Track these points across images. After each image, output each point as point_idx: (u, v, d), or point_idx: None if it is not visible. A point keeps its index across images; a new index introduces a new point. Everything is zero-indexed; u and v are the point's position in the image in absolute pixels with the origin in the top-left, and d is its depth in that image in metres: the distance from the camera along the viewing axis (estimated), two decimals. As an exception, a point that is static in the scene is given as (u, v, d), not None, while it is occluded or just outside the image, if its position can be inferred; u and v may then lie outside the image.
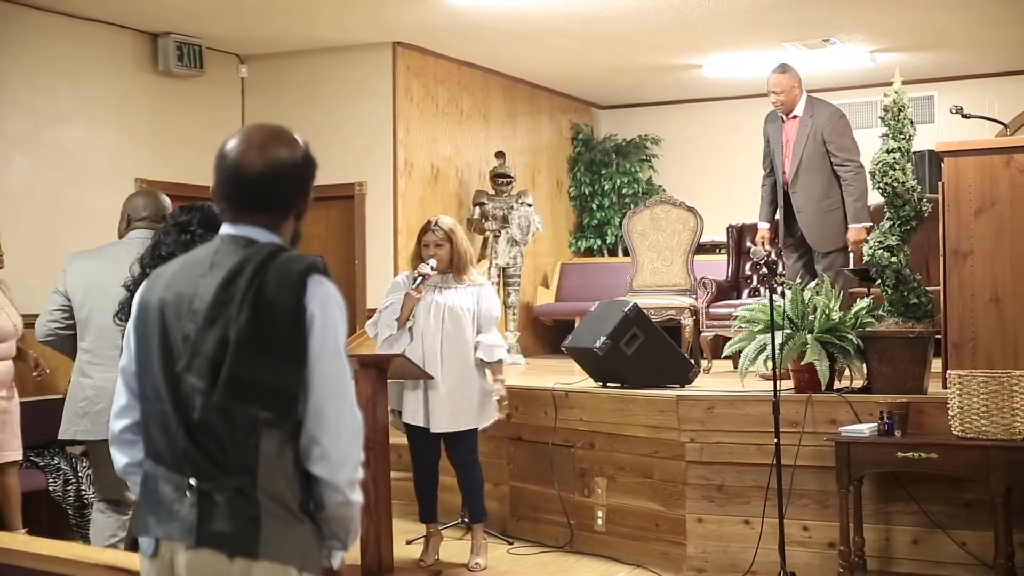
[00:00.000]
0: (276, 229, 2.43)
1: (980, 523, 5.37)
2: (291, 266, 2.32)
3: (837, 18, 9.23)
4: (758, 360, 5.95)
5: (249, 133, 2.44)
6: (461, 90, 10.79)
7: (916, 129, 5.97)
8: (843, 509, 5.41)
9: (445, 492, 6.45)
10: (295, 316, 2.29)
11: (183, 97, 9.70)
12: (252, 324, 2.28)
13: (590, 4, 8.58)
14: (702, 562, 5.99)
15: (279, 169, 2.40)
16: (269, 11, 8.81)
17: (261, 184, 2.39)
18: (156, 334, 2.41)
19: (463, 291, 6.10)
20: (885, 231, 5.83)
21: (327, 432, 2.31)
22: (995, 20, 9.33)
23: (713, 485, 6.00)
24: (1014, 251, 5.53)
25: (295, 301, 2.29)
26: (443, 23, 9.16)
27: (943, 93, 11.16)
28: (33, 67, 8.52)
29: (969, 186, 5.61)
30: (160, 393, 2.39)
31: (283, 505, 2.32)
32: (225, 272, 2.34)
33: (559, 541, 6.68)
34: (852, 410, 5.66)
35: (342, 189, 9.84)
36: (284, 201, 2.44)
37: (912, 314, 5.80)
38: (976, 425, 5.13)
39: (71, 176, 8.62)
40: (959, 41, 10.03)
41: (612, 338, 6.46)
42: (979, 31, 9.71)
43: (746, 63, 10.75)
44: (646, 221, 9.27)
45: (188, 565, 2.31)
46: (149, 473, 2.42)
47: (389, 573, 6.01)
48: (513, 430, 6.95)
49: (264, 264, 2.32)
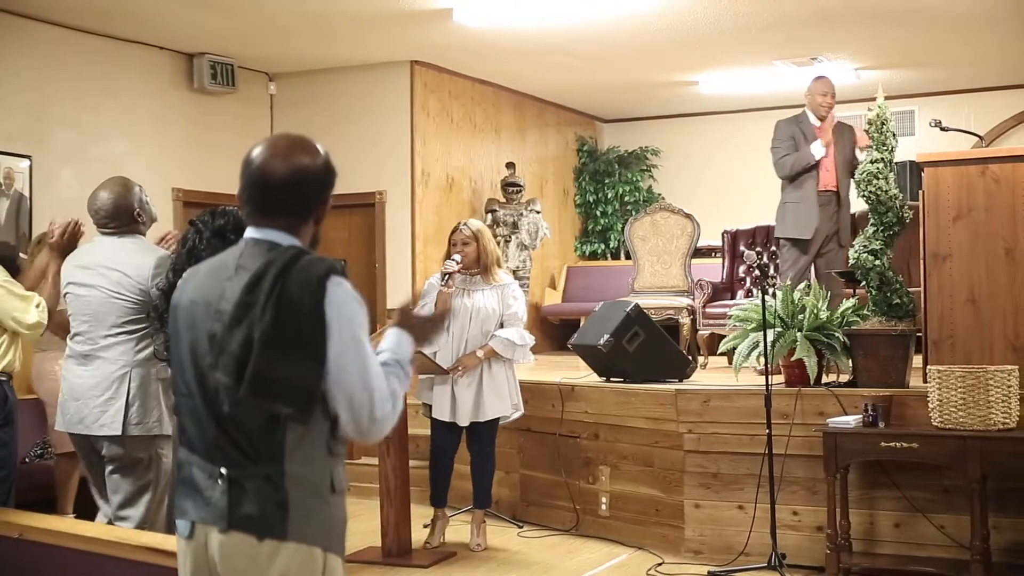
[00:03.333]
0: (297, 233, 2.41)
1: (957, 508, 5.35)
2: (312, 269, 2.31)
3: (824, 38, 9.22)
4: (751, 356, 5.94)
5: (274, 141, 2.43)
6: (474, 105, 10.79)
7: (898, 141, 5.95)
8: (830, 495, 5.40)
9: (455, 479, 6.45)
10: (315, 316, 2.27)
11: (216, 113, 9.72)
12: (275, 325, 2.26)
13: (594, 25, 8.57)
14: (699, 544, 5.98)
15: (301, 176, 2.39)
16: (296, 33, 8.82)
17: (284, 190, 2.38)
18: (186, 333, 2.41)
19: (489, 292, 6.08)
20: (869, 236, 5.82)
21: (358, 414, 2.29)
22: (970, 41, 9.33)
23: (709, 473, 5.99)
24: (989, 255, 5.51)
25: (315, 302, 2.27)
26: (457, 43, 9.17)
27: (923, 108, 11.14)
28: (79, 86, 8.55)
29: (947, 194, 5.60)
30: (191, 388, 2.39)
31: (308, 490, 2.32)
32: (250, 275, 2.33)
33: (566, 525, 6.68)
34: (839, 403, 5.65)
35: (363, 197, 9.85)
36: (305, 206, 2.42)
37: (895, 313, 5.79)
38: (954, 417, 5.11)
39: (113, 186, 8.61)
40: (937, 60, 10.02)
41: (615, 336, 6.45)
42: (955, 51, 9.70)
43: (739, 80, 10.75)
44: (646, 227, 9.27)
45: (221, 547, 2.31)
46: (184, 460, 2.42)
47: (407, 554, 6.02)
48: (523, 422, 6.93)
49: (286, 267, 2.31)
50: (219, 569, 2.33)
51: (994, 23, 8.72)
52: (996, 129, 11.06)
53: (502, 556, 6.12)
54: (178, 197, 9.35)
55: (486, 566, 5.91)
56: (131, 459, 4.37)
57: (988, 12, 8.41)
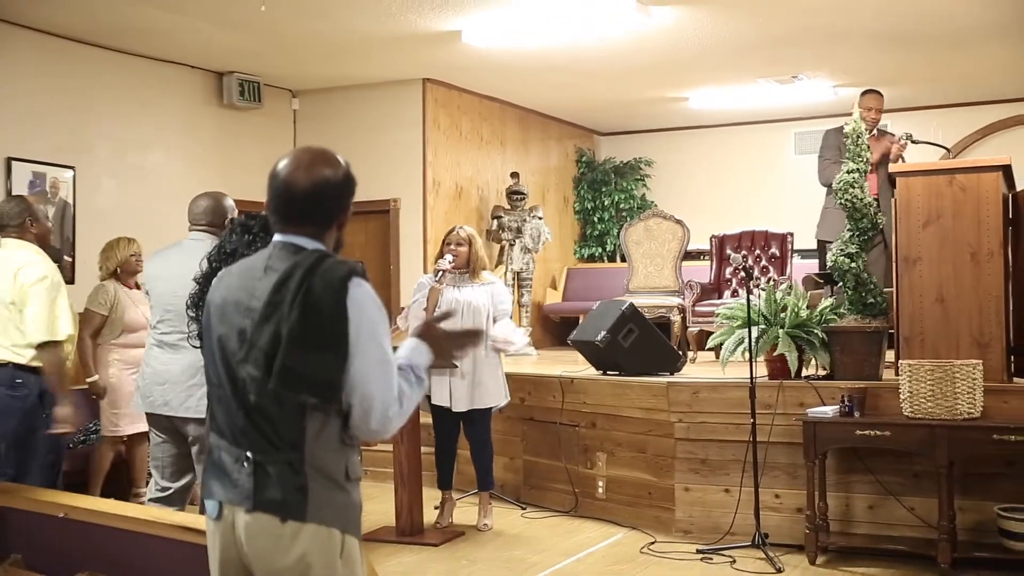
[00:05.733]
0: (321, 238, 2.41)
1: (926, 491, 5.35)
2: (335, 271, 2.31)
3: (804, 58, 9.21)
4: (737, 351, 5.94)
5: (297, 155, 2.42)
6: (481, 120, 10.79)
7: (872, 153, 5.94)
8: (809, 479, 5.40)
9: (461, 464, 6.45)
10: (337, 315, 2.27)
11: (244, 126, 9.72)
12: (301, 322, 2.26)
13: (591, 46, 8.57)
14: (688, 524, 5.98)
15: (322, 188, 2.38)
16: (317, 53, 8.83)
17: (307, 201, 2.38)
18: (218, 328, 2.41)
19: (478, 288, 6.10)
20: (846, 240, 5.82)
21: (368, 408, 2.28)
22: (938, 62, 9.33)
23: (698, 459, 5.99)
24: (956, 258, 5.50)
25: (337, 301, 2.27)
26: (466, 62, 9.17)
27: (895, 122, 11.08)
28: (118, 102, 8.56)
29: (918, 202, 5.59)
30: (222, 379, 2.39)
31: (327, 476, 2.32)
32: (278, 276, 2.33)
33: (565, 507, 6.68)
34: (817, 394, 5.64)
35: (379, 204, 9.86)
36: (327, 215, 2.42)
37: (869, 312, 5.78)
38: (924, 407, 5.11)
39: (150, 194, 8.65)
40: (908, 78, 10.01)
41: (611, 332, 6.45)
42: (925, 70, 9.70)
43: (726, 96, 10.74)
44: (640, 232, 9.26)
45: (247, 527, 2.31)
46: (213, 445, 2.42)
47: (419, 533, 6.03)
48: (526, 411, 6.96)
49: (311, 269, 2.31)
50: (245, 548, 2.33)
51: (960, 46, 8.71)
52: (962, 142, 11.04)
53: (507, 535, 6.13)
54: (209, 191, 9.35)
55: (492, 544, 5.91)
56: None
57: (954, 36, 8.40)
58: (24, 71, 7.84)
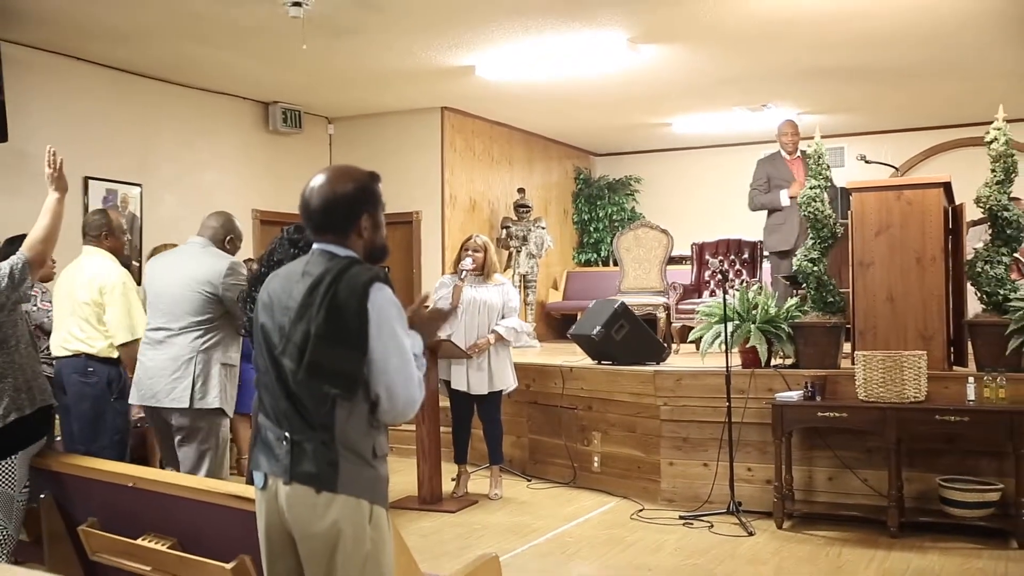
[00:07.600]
0: (346, 244, 2.39)
1: (878, 464, 5.34)
2: (359, 277, 2.30)
3: (772, 89, 9.20)
4: (715, 344, 5.93)
5: (318, 174, 2.41)
6: (492, 142, 10.79)
7: (831, 171, 5.94)
8: (777, 454, 5.39)
9: (475, 442, 6.45)
10: (359, 316, 2.26)
11: (286, 149, 9.74)
12: (327, 322, 2.26)
13: (588, 79, 8.57)
14: (672, 494, 5.98)
15: (331, 202, 2.36)
16: (350, 85, 8.85)
17: (320, 213, 2.37)
18: (264, 322, 2.42)
19: (492, 289, 6.14)
20: (809, 247, 5.82)
21: (393, 395, 2.29)
22: (889, 92, 9.31)
23: (680, 437, 5.99)
24: (903, 262, 5.50)
25: (359, 304, 2.26)
26: (479, 93, 9.18)
27: (851, 144, 11.11)
28: (178, 128, 8.59)
29: (870, 214, 5.58)
30: (267, 367, 2.39)
31: (355, 453, 2.31)
32: (311, 280, 2.33)
33: (565, 479, 6.67)
34: (784, 381, 5.64)
35: (403, 216, 9.87)
36: (339, 225, 2.37)
37: (829, 309, 5.78)
38: (876, 392, 5.10)
39: (206, 209, 8.51)
40: (862, 107, 10.00)
41: (605, 327, 6.45)
42: (876, 100, 9.68)
43: (705, 122, 10.73)
44: (631, 240, 9.25)
45: (287, 496, 2.32)
46: (261, 424, 2.43)
47: (438, 502, 6.03)
48: (531, 396, 6.96)
49: (339, 274, 2.30)
50: (286, 515, 2.34)
51: (908, 78, 8.69)
52: (909, 161, 11.02)
53: (514, 503, 6.13)
54: (256, 217, 9.38)
55: (502, 511, 5.92)
56: (194, 428, 4.27)
57: (903, 71, 8.39)
58: (100, 102, 7.88)
